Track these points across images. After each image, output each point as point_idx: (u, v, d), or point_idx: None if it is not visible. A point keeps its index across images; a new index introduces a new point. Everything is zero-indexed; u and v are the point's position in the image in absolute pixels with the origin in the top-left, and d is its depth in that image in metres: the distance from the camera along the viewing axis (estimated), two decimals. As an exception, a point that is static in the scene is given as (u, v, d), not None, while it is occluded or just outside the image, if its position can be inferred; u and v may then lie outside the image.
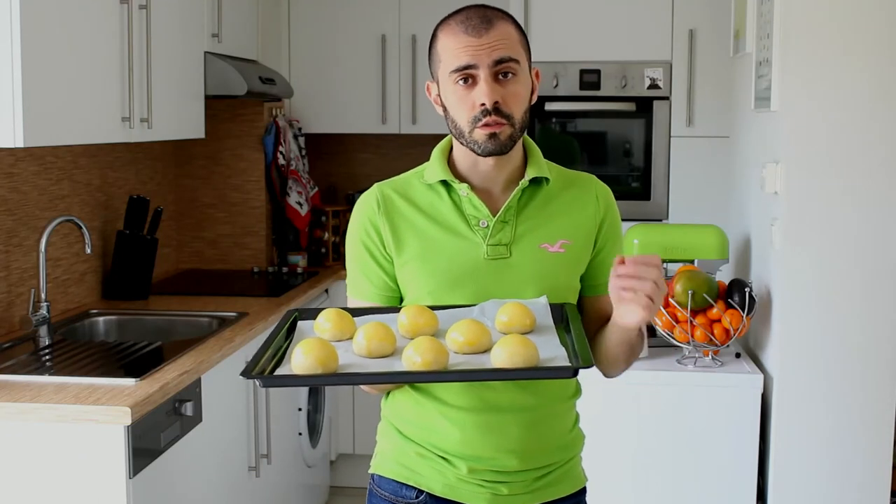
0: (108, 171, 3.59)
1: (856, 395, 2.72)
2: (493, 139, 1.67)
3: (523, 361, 1.53)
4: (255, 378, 1.51)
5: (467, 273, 1.72)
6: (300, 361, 1.53)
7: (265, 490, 3.30)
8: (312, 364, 1.52)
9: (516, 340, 1.55)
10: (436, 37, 1.72)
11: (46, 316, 2.90)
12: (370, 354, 1.58)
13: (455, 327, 1.61)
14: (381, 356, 1.58)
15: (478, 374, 1.59)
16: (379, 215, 1.76)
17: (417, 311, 1.65)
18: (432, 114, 4.40)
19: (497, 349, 1.55)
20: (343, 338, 1.65)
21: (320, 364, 1.52)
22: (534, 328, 1.64)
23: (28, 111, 2.44)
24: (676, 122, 3.98)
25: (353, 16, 4.49)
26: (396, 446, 1.80)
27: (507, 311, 1.65)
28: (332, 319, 1.67)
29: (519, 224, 1.74)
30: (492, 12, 1.69)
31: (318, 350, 1.53)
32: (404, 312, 1.65)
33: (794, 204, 2.71)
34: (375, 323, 1.62)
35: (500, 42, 1.65)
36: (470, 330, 1.59)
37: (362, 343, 1.59)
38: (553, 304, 1.70)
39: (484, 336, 1.60)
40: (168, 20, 3.23)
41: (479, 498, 1.74)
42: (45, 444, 2.26)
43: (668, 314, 2.85)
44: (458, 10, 1.71)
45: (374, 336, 1.59)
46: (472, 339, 1.59)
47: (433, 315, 1.66)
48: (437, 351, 1.53)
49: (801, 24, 2.67)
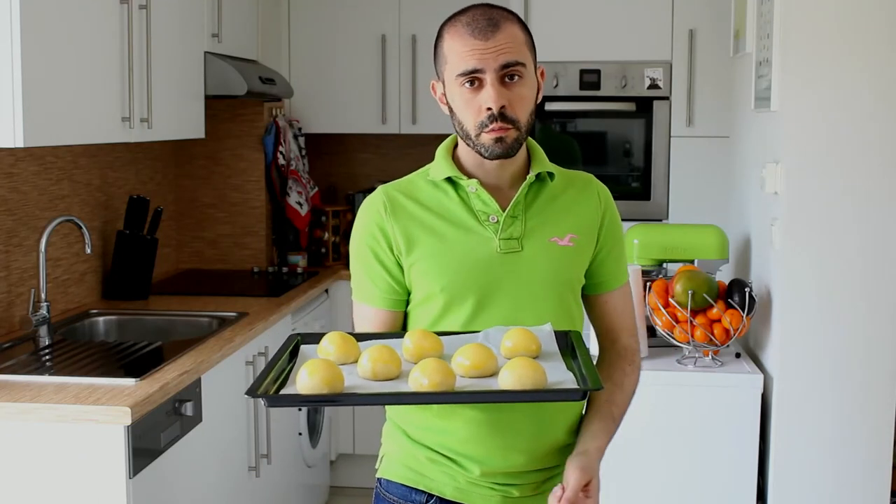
0: (108, 171, 3.59)
1: (856, 395, 2.72)
2: (500, 143, 1.68)
3: (532, 384, 1.52)
4: (261, 397, 1.50)
5: (480, 268, 1.72)
6: (305, 382, 1.52)
7: (265, 490, 3.30)
8: (318, 384, 1.51)
9: (525, 363, 1.54)
10: (441, 37, 1.72)
11: (46, 316, 2.90)
12: (375, 377, 1.57)
13: (460, 352, 1.60)
14: (386, 379, 1.57)
15: (487, 396, 1.58)
16: (386, 217, 1.76)
17: (422, 335, 1.65)
18: (432, 114, 4.43)
19: (505, 372, 1.54)
20: (347, 361, 1.64)
21: (326, 384, 1.51)
22: (539, 354, 1.64)
23: (28, 111, 2.44)
24: (676, 122, 3.98)
25: (353, 16, 4.49)
26: (404, 449, 1.79)
27: (512, 336, 1.64)
28: (336, 343, 1.66)
29: (528, 219, 1.75)
30: (498, 13, 1.69)
31: (323, 370, 1.52)
32: (409, 337, 1.65)
33: (794, 204, 2.71)
34: (380, 346, 1.61)
35: (506, 45, 1.65)
36: (476, 354, 1.58)
37: (367, 366, 1.58)
38: (558, 332, 1.71)
39: (490, 360, 1.59)
40: (168, 20, 3.23)
41: (490, 501, 1.74)
42: (45, 444, 2.26)
43: (668, 314, 2.85)
44: (463, 10, 1.70)
45: (378, 359, 1.58)
46: (479, 362, 1.58)
47: (438, 339, 1.65)
48: (444, 373, 1.53)
49: (801, 24, 2.67)
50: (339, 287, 4.25)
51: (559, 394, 1.56)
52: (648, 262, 3.11)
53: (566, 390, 1.54)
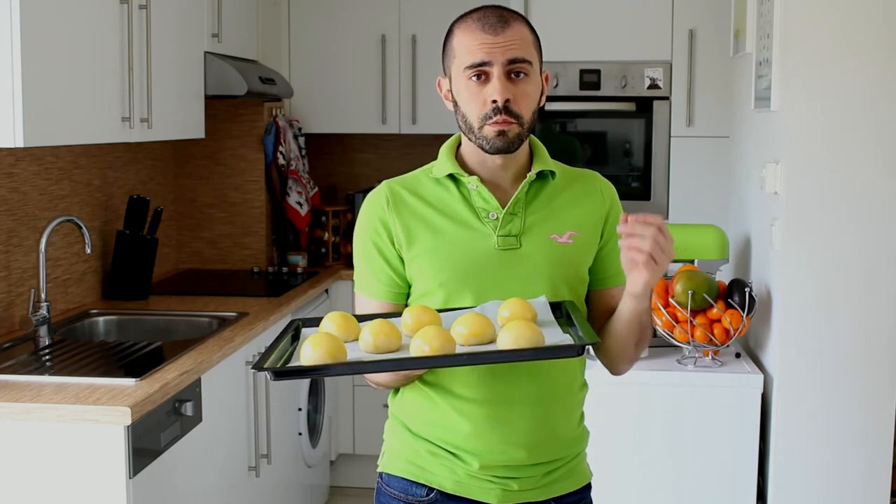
0: (108, 171, 3.59)
1: (856, 395, 2.72)
2: (502, 136, 1.70)
3: (529, 343, 1.55)
4: (267, 370, 1.53)
5: (478, 264, 1.74)
6: (309, 355, 1.54)
7: (265, 490, 3.30)
8: (322, 356, 1.54)
9: (522, 324, 1.57)
10: (451, 33, 1.76)
11: (46, 316, 2.90)
12: (377, 350, 1.60)
13: (459, 321, 1.62)
14: (388, 351, 1.60)
15: (486, 357, 1.60)
16: (388, 211, 1.78)
17: (421, 310, 1.67)
18: (432, 114, 4.44)
19: (503, 333, 1.57)
20: (349, 339, 1.66)
21: (330, 356, 1.54)
22: (535, 322, 1.65)
23: (28, 111, 2.44)
24: (676, 122, 3.98)
25: (353, 16, 4.49)
26: (405, 444, 1.81)
27: (507, 306, 1.67)
28: (337, 322, 1.69)
29: (528, 216, 1.76)
30: (508, 13, 1.73)
31: (327, 343, 1.55)
32: (407, 313, 1.67)
33: (794, 204, 2.71)
34: (380, 321, 1.64)
35: (515, 42, 1.69)
36: (474, 322, 1.61)
37: (369, 340, 1.60)
38: (553, 303, 1.72)
39: (488, 328, 1.61)
40: (168, 20, 3.23)
41: (489, 494, 1.76)
42: (45, 444, 2.26)
43: (668, 314, 2.85)
44: (475, 9, 1.75)
45: (380, 332, 1.61)
46: (477, 330, 1.60)
47: (436, 314, 1.67)
48: (444, 338, 1.56)
49: (801, 24, 2.67)
50: (339, 287, 4.25)
51: (557, 350, 1.58)
52: (648, 262, 3.11)
53: (563, 346, 1.57)
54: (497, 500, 1.76)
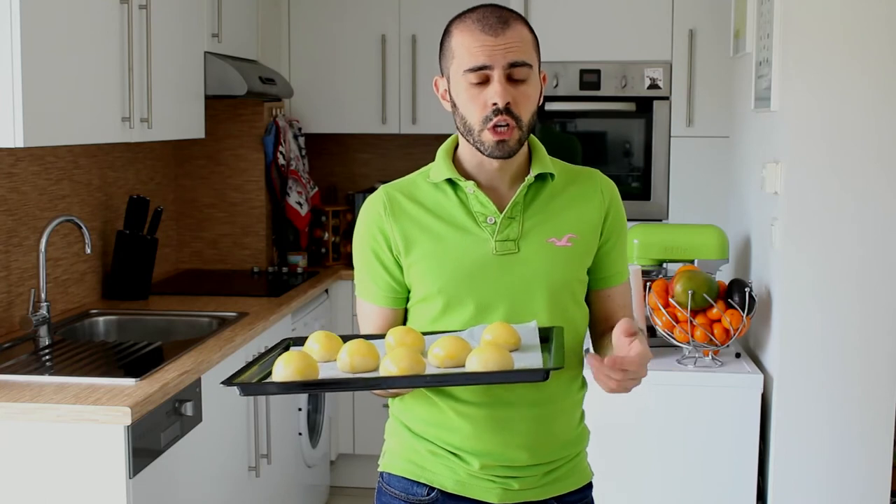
0: (108, 171, 3.59)
1: (856, 395, 2.72)
2: (502, 146, 1.69)
3: (497, 366, 1.54)
4: (235, 386, 1.55)
5: (477, 269, 1.73)
6: (280, 372, 1.57)
7: (265, 490, 3.30)
8: (291, 374, 1.56)
9: (492, 348, 1.57)
10: (449, 33, 1.72)
11: (46, 316, 2.90)
12: (353, 370, 1.61)
13: (437, 343, 1.62)
14: (364, 371, 1.61)
15: (448, 379, 1.61)
16: (386, 217, 1.77)
17: (404, 331, 1.67)
18: (432, 114, 4.44)
19: (472, 357, 1.57)
20: (331, 359, 1.67)
21: (299, 374, 1.56)
22: (518, 347, 1.65)
23: (28, 111, 2.44)
24: (676, 122, 3.98)
25: (353, 16, 4.49)
26: (406, 444, 1.81)
27: (491, 330, 1.66)
28: (321, 341, 1.70)
29: (526, 220, 1.75)
30: (507, 13, 1.70)
31: (297, 361, 1.58)
32: (391, 334, 1.68)
33: (794, 204, 2.71)
34: (359, 341, 1.65)
35: (515, 44, 1.67)
36: (450, 344, 1.61)
37: (345, 360, 1.62)
38: (542, 328, 1.71)
39: (464, 350, 1.61)
40: (168, 20, 3.23)
41: (490, 494, 1.76)
42: (45, 444, 2.26)
43: (668, 314, 2.85)
44: (473, 8, 1.72)
45: (356, 352, 1.62)
46: (453, 352, 1.60)
47: (419, 336, 1.68)
48: (412, 360, 1.56)
49: (801, 24, 2.67)
50: (339, 287, 4.25)
51: (520, 374, 1.56)
52: (648, 262, 3.11)
53: (527, 370, 1.56)
54: (498, 499, 1.76)
